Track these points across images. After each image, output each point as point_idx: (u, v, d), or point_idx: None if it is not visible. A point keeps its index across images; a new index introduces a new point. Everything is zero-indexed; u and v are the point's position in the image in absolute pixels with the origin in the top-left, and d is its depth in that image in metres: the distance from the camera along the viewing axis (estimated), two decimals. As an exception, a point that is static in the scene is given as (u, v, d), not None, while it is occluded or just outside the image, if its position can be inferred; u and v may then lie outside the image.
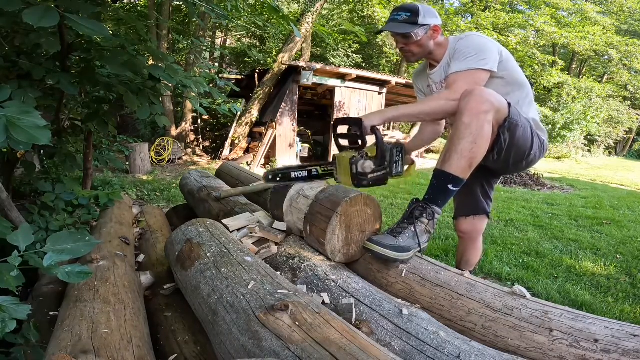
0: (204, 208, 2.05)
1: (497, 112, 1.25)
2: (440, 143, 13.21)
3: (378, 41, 14.79)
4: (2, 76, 1.70)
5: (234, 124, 8.33)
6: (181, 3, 7.33)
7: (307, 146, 8.95)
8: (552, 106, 14.86)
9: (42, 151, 2.31)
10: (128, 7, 9.16)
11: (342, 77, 8.46)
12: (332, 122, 1.39)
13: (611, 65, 17.66)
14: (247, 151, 8.58)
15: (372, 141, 1.36)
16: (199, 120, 9.50)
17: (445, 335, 0.92)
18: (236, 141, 8.28)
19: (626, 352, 0.84)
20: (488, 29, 12.68)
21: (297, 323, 0.78)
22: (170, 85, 2.11)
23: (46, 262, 0.89)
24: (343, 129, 1.37)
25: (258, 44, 13.81)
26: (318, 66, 7.73)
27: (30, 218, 1.76)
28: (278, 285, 0.95)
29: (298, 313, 0.81)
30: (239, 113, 8.13)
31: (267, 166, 7.96)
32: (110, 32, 1.95)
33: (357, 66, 14.05)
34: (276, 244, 1.43)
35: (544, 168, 9.57)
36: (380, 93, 9.30)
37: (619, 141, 20.81)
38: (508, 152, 1.35)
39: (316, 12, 7.95)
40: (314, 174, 1.45)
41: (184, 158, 8.14)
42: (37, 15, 1.04)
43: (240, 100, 9.64)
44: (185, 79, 1.95)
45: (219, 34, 12.62)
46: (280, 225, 1.51)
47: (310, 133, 9.57)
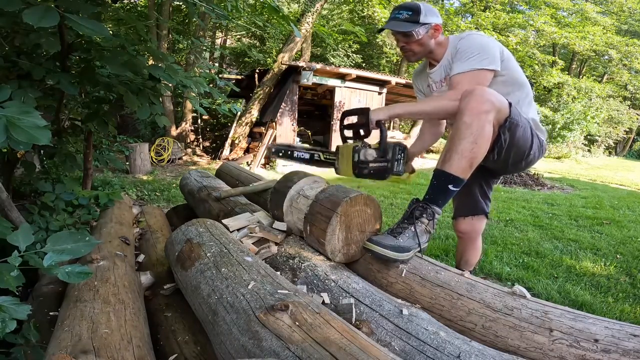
0: (204, 208, 2.05)
1: (498, 112, 1.25)
2: (440, 143, 13.18)
3: (378, 41, 14.79)
4: (2, 76, 1.70)
5: (234, 124, 8.34)
6: (181, 3, 7.34)
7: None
8: (552, 106, 14.85)
9: (42, 151, 2.31)
10: (128, 7, 9.17)
11: (342, 77, 8.47)
12: (341, 113, 1.42)
13: (611, 65, 17.66)
14: (247, 151, 8.58)
15: (376, 139, 1.38)
16: (199, 120, 9.50)
17: (445, 335, 0.92)
18: (236, 141, 8.29)
19: (626, 352, 0.84)
20: (488, 29, 12.68)
21: (297, 323, 0.78)
22: (170, 85, 2.11)
23: (46, 262, 0.89)
24: (349, 121, 1.40)
25: (258, 44, 13.82)
26: (318, 66, 7.73)
27: (30, 218, 1.76)
28: (278, 285, 0.95)
29: (298, 313, 0.80)
30: (239, 113, 8.13)
31: (267, 166, 7.96)
32: (110, 32, 1.95)
33: (357, 66, 14.05)
34: (276, 244, 1.43)
35: (544, 168, 9.57)
36: (380, 93, 9.30)
37: (619, 141, 20.81)
38: (508, 152, 1.34)
39: (316, 12, 7.96)
40: (316, 159, 1.49)
41: (184, 158, 8.14)
42: (37, 15, 1.04)
43: (240, 100, 9.65)
44: (185, 79, 1.95)
45: (219, 34, 12.63)
46: (280, 225, 1.51)
47: (310, 133, 9.57)
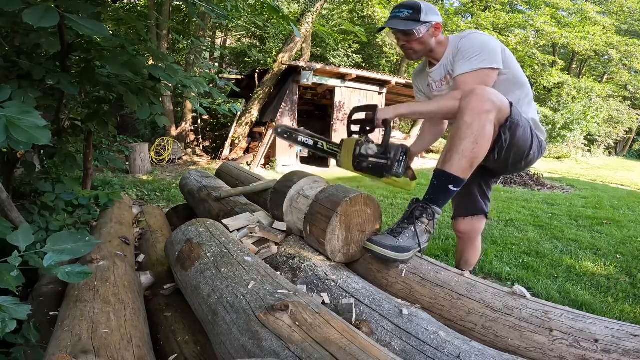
0: (204, 208, 2.05)
1: (499, 112, 1.24)
2: (440, 143, 13.18)
3: (378, 41, 14.78)
4: (2, 76, 1.70)
5: (234, 124, 8.34)
6: (181, 3, 7.34)
7: (307, 146, 8.94)
8: (552, 106, 14.84)
9: (42, 151, 2.31)
10: (128, 7, 9.17)
11: (342, 77, 8.47)
12: (352, 109, 1.47)
13: (611, 65, 17.65)
14: (247, 151, 8.58)
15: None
16: (199, 120, 9.50)
17: (445, 335, 0.92)
18: (236, 141, 8.29)
19: (626, 352, 0.84)
20: (488, 29, 12.68)
21: (297, 323, 0.78)
22: (170, 85, 2.10)
23: (46, 262, 0.89)
24: (358, 116, 1.44)
25: (258, 44, 13.81)
26: (318, 66, 7.73)
27: (30, 218, 1.76)
28: (278, 285, 0.95)
29: (298, 313, 0.80)
30: (239, 113, 8.13)
31: (267, 166, 7.97)
32: (110, 32, 1.95)
33: (357, 66, 14.05)
34: (276, 244, 1.43)
35: (544, 168, 9.56)
36: (380, 93, 9.30)
37: (619, 141, 20.80)
38: (508, 152, 1.34)
39: (316, 12, 7.96)
40: (319, 147, 1.52)
41: (184, 158, 8.14)
42: (37, 15, 1.04)
43: (240, 100, 9.65)
44: (185, 79, 1.95)
45: (219, 34, 12.62)
46: (280, 225, 1.51)
47: (310, 133, 9.55)
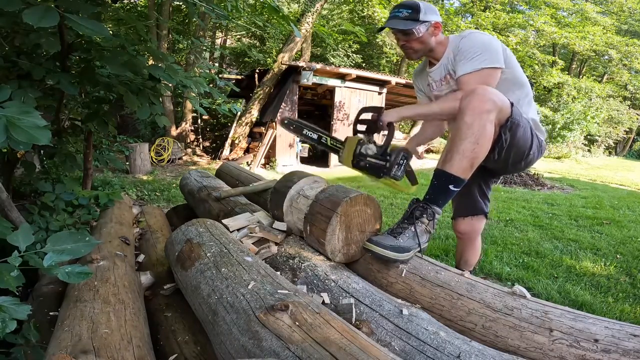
0: (204, 208, 2.05)
1: (500, 112, 1.24)
2: (440, 143, 13.20)
3: (378, 41, 14.78)
4: (2, 76, 1.70)
5: (234, 124, 8.34)
6: (181, 3, 7.34)
7: (307, 146, 8.95)
8: (552, 106, 14.84)
9: (42, 151, 2.31)
10: (128, 7, 9.17)
11: (342, 77, 8.46)
12: (360, 109, 1.49)
13: (611, 65, 17.64)
14: (247, 151, 8.58)
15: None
16: (199, 120, 9.50)
17: (445, 335, 0.92)
18: (236, 141, 8.29)
19: (626, 352, 0.84)
20: (488, 29, 12.67)
21: (297, 323, 0.78)
22: (170, 85, 2.11)
23: (46, 263, 0.89)
24: (365, 117, 1.46)
25: (258, 44, 13.81)
26: (318, 66, 7.73)
27: (30, 218, 1.76)
28: (278, 285, 0.95)
29: (298, 313, 0.80)
30: (239, 113, 8.13)
31: (267, 166, 7.97)
32: (110, 32, 1.95)
33: (357, 66, 14.05)
34: (276, 244, 1.43)
35: (544, 168, 9.56)
36: (380, 93, 9.30)
37: (619, 141, 20.79)
38: (508, 152, 1.34)
39: (316, 12, 7.95)
40: (322, 142, 1.54)
41: (184, 158, 8.14)
42: (37, 15, 1.04)
43: (240, 100, 9.65)
44: (185, 79, 1.95)
45: (219, 34, 12.62)
46: (280, 225, 1.51)
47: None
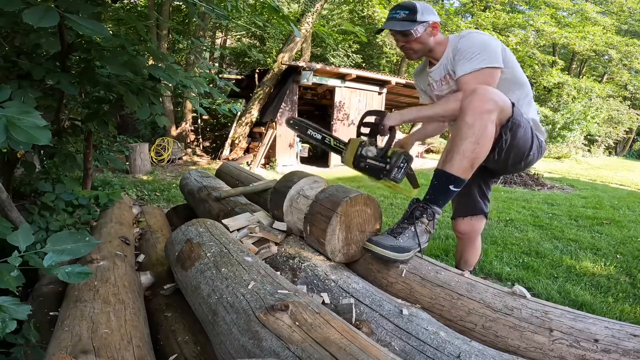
0: (204, 208, 2.05)
1: (501, 112, 1.23)
2: (440, 143, 13.21)
3: (378, 41, 14.79)
4: (2, 76, 1.70)
5: (234, 124, 8.34)
6: (181, 3, 7.34)
7: (307, 146, 8.96)
8: (552, 106, 14.84)
9: (42, 151, 2.31)
10: (128, 7, 9.17)
11: (342, 77, 8.47)
12: (365, 112, 1.52)
13: (611, 65, 17.64)
14: (247, 151, 8.58)
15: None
16: (199, 120, 9.50)
17: (445, 335, 0.92)
18: (236, 141, 8.29)
19: (626, 352, 0.84)
20: (488, 29, 12.68)
21: (297, 323, 0.78)
22: (170, 85, 2.10)
23: (46, 263, 0.89)
24: (369, 119, 1.48)
25: (258, 44, 13.81)
26: (318, 66, 7.73)
27: (30, 218, 1.76)
28: (278, 285, 0.95)
29: (298, 313, 0.80)
30: (239, 113, 8.13)
31: (267, 166, 7.97)
32: (110, 32, 1.95)
33: (357, 66, 14.05)
34: (276, 244, 1.43)
35: (544, 168, 9.56)
36: (380, 93, 9.30)
37: (619, 141, 20.80)
38: (508, 153, 1.34)
39: (316, 12, 7.95)
40: (326, 142, 1.57)
41: (184, 158, 8.14)
42: (37, 15, 1.04)
43: (240, 100, 9.65)
44: (185, 79, 1.95)
45: (219, 34, 12.62)
46: (280, 225, 1.51)
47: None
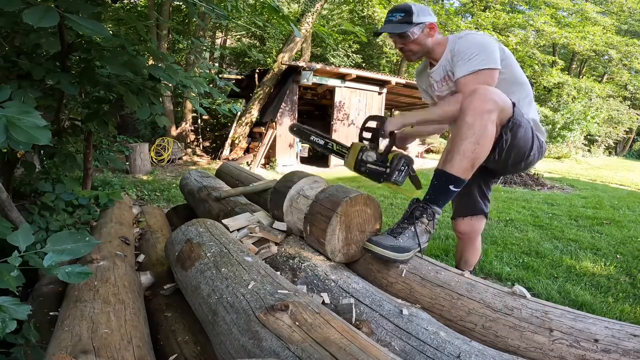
0: (204, 208, 2.05)
1: (502, 112, 1.23)
2: (440, 143, 13.21)
3: (378, 41, 14.79)
4: (2, 76, 1.70)
5: (234, 124, 8.34)
6: (181, 3, 7.33)
7: (307, 146, 8.95)
8: (552, 106, 14.83)
9: (42, 151, 2.31)
10: (128, 7, 9.17)
11: (342, 77, 8.47)
12: (367, 117, 1.53)
13: (611, 65, 17.64)
14: (247, 151, 8.58)
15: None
16: (199, 120, 9.50)
17: (445, 335, 0.92)
18: (236, 141, 8.29)
19: (626, 352, 0.84)
20: (488, 29, 12.68)
21: (297, 323, 0.78)
22: (170, 85, 2.10)
23: (46, 263, 0.89)
24: (370, 124, 1.49)
25: (258, 44, 13.82)
26: (318, 66, 7.73)
27: (30, 218, 1.76)
28: (278, 285, 0.95)
29: (298, 313, 0.80)
30: (239, 113, 8.13)
31: (267, 166, 7.97)
32: (110, 32, 1.95)
33: (357, 66, 14.05)
34: (276, 244, 1.43)
35: (544, 168, 9.56)
36: (380, 93, 9.30)
37: (619, 141, 20.80)
38: (508, 153, 1.34)
39: (316, 12, 7.95)
40: (329, 147, 1.58)
41: (184, 158, 8.14)
42: (37, 15, 1.04)
43: (240, 100, 9.65)
44: (185, 79, 1.95)
45: (219, 34, 12.62)
46: (280, 225, 1.51)
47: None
